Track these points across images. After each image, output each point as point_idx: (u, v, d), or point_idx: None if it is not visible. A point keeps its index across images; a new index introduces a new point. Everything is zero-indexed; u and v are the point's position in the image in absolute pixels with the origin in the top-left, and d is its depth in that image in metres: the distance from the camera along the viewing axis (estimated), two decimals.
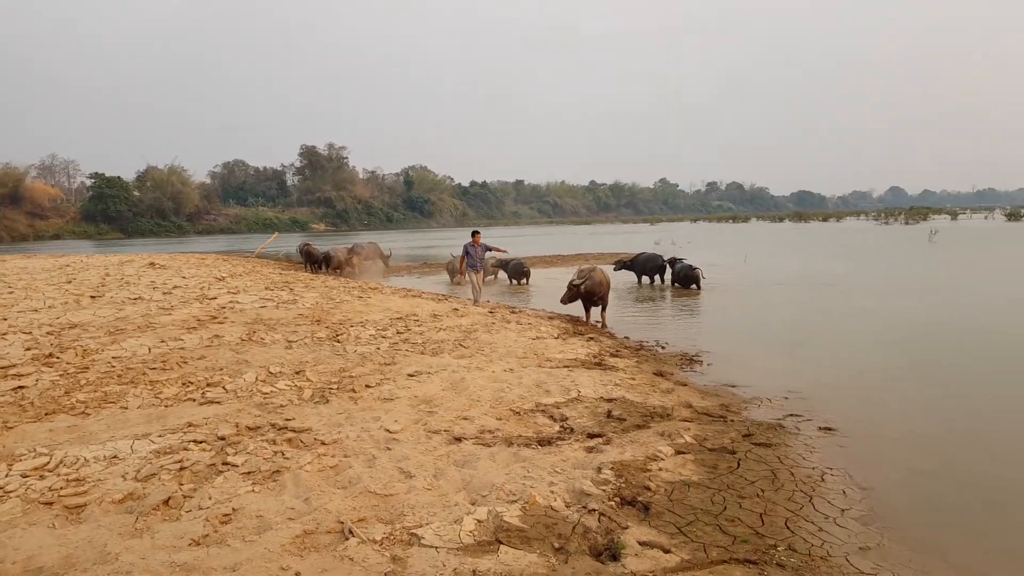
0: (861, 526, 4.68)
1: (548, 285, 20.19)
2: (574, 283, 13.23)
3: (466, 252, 16.10)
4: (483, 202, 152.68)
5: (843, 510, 4.91)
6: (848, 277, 21.28)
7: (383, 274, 27.29)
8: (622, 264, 21.46)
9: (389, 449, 5.66)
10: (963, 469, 5.88)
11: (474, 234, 16.24)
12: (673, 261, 20.22)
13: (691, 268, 19.20)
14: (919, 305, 15.31)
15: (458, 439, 5.96)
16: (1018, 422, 7.11)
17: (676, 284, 19.65)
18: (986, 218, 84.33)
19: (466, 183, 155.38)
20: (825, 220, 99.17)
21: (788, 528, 4.55)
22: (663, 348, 11.16)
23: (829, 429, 6.78)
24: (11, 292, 14.60)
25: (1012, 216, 75.49)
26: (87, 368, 8.25)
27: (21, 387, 7.39)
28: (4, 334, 9.95)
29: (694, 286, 19.01)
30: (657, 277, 20.75)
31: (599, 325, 13.46)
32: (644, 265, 20.89)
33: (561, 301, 13.61)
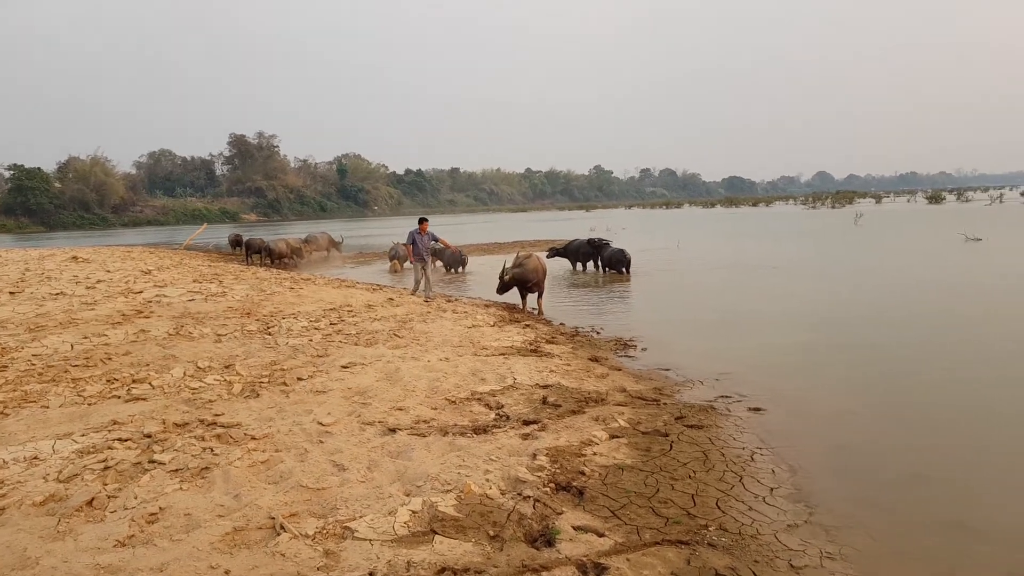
0: (789, 504, 4.81)
1: (485, 273, 20.16)
2: (503, 275, 13.26)
3: (412, 240, 15.11)
4: (419, 190, 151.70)
5: (772, 489, 5.05)
6: (777, 261, 21.87)
7: (340, 261, 26.87)
8: (555, 251, 21.63)
9: (322, 442, 5.59)
10: (885, 443, 6.11)
11: (421, 221, 15.29)
12: (602, 246, 20.45)
13: (621, 252, 19.49)
14: (845, 287, 15.82)
15: (392, 430, 5.92)
16: (935, 397, 7.41)
17: (608, 269, 19.92)
18: (908, 201, 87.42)
19: (401, 171, 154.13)
20: (755, 205, 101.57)
21: (719, 508, 4.66)
22: (598, 334, 11.27)
23: (758, 409, 6.97)
24: None
25: (933, 199, 78.47)
26: (6, 367, 7.91)
27: None
28: None
29: (624, 270, 19.30)
30: (590, 264, 20.99)
31: (536, 312, 13.51)
32: (576, 252, 21.11)
33: (497, 292, 13.63)
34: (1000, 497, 5.04)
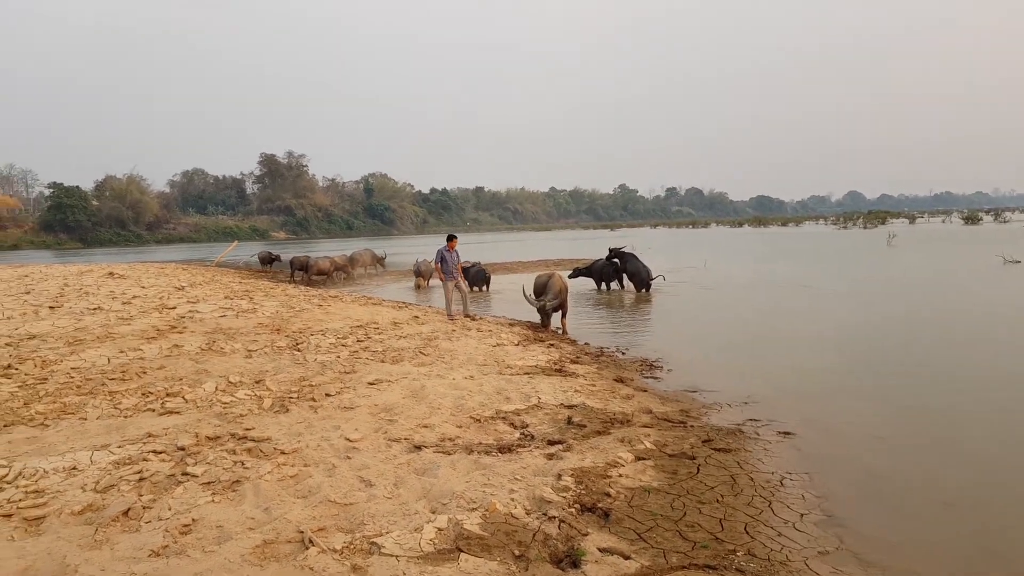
0: (820, 530, 4.76)
1: (509, 291, 20.22)
2: (544, 306, 13.33)
3: (441, 258, 14.61)
4: (444, 209, 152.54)
5: (802, 514, 4.99)
6: (807, 281, 21.61)
7: (383, 277, 27.17)
8: (578, 271, 21.63)
9: (349, 458, 5.66)
10: (918, 471, 5.99)
11: (450, 239, 14.77)
12: (623, 254, 20.45)
13: (645, 270, 19.53)
14: (877, 308, 15.60)
15: (418, 447, 5.98)
16: (973, 423, 7.29)
17: (632, 284, 19.96)
18: (944, 221, 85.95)
19: (426, 190, 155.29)
20: (784, 225, 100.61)
21: (747, 533, 4.63)
22: (623, 354, 11.26)
23: (788, 433, 6.90)
24: None
25: (969, 220, 77.13)
26: (46, 379, 8.11)
27: None
28: None
29: (644, 289, 19.31)
30: (616, 283, 21.00)
31: (560, 332, 13.55)
32: (600, 271, 21.11)
33: (543, 325, 13.60)
34: None
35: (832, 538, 4.65)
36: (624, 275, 20.45)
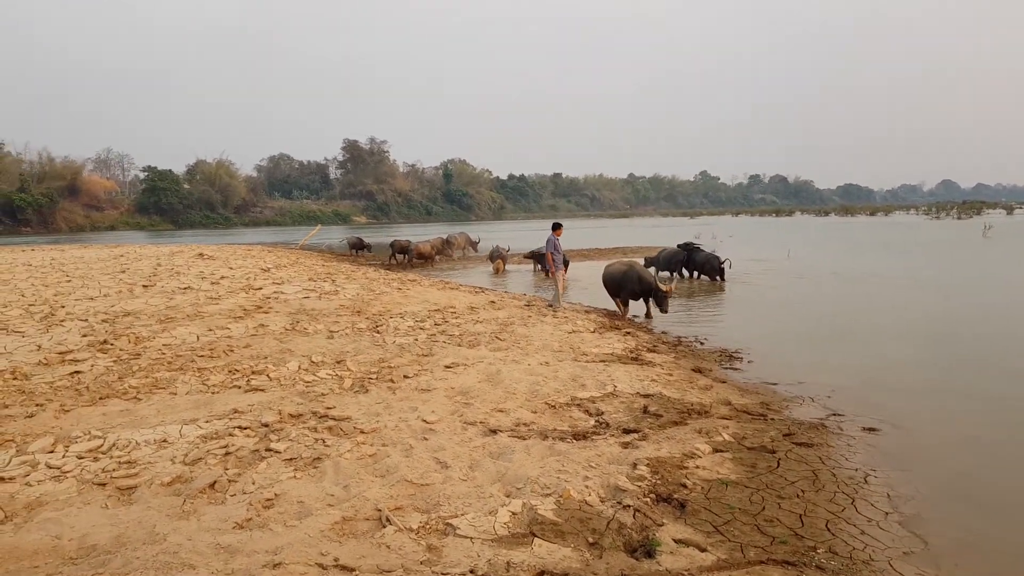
0: (904, 530, 4.59)
1: (586, 278, 20.09)
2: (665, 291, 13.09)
3: (554, 247, 13.89)
4: (521, 195, 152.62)
5: (887, 513, 4.82)
6: (896, 273, 20.75)
7: (466, 260, 27.48)
8: (647, 260, 21.34)
9: (426, 439, 5.74)
10: (1012, 474, 5.72)
11: (556, 227, 14.02)
12: (693, 250, 20.07)
13: (715, 258, 19.08)
14: (970, 302, 14.91)
15: (494, 431, 6.01)
16: None
17: (700, 275, 19.56)
18: None
19: (504, 176, 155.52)
20: (872, 214, 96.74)
21: (829, 530, 4.50)
22: (702, 344, 11.06)
23: (873, 429, 6.66)
24: (68, 281, 15.12)
25: None
26: (139, 355, 8.51)
27: (77, 372, 7.68)
28: (62, 321, 10.31)
29: (719, 278, 18.89)
30: (684, 270, 20.61)
31: (648, 318, 13.49)
32: (667, 261, 20.76)
33: (664, 312, 13.37)
34: None
35: (917, 539, 4.49)
36: (694, 267, 20.03)
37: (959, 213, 79.02)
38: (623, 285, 13.43)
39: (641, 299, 13.60)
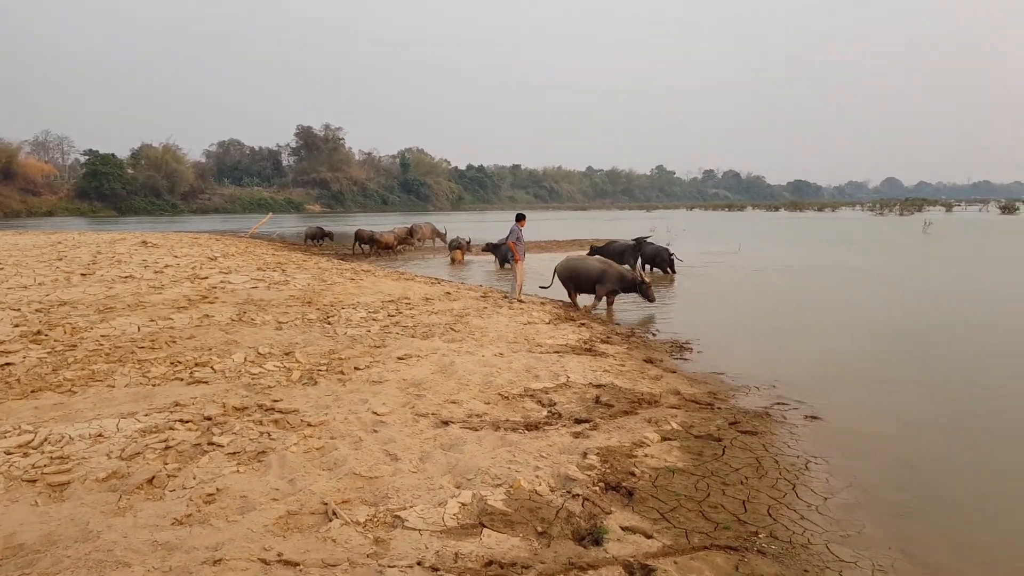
0: (843, 514, 4.70)
1: (541, 270, 20.11)
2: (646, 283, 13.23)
3: (516, 238, 13.81)
4: (479, 186, 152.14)
5: (826, 498, 4.93)
6: (841, 267, 21.32)
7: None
8: (595, 251, 21.44)
9: (376, 432, 5.67)
10: (948, 461, 5.88)
11: (520, 218, 14.04)
12: (644, 244, 20.25)
13: (665, 250, 19.28)
14: (910, 296, 15.34)
15: (445, 423, 5.97)
16: (1005, 415, 7.12)
17: (652, 268, 19.75)
18: (981, 210, 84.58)
19: (463, 167, 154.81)
20: (820, 210, 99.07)
21: (770, 515, 4.58)
22: (654, 335, 11.16)
23: (815, 418, 6.80)
24: (1, 269, 14.55)
25: (1006, 209, 75.77)
26: (75, 346, 8.24)
27: (8, 364, 7.39)
28: None
29: (668, 269, 19.08)
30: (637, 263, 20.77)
31: (609, 310, 13.58)
32: (617, 254, 20.85)
33: (652, 301, 13.53)
34: None
35: (855, 523, 4.59)
36: (645, 259, 20.11)
37: (901, 210, 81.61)
38: (602, 281, 13.41)
39: (591, 292, 13.64)
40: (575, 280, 13.70)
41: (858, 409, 7.22)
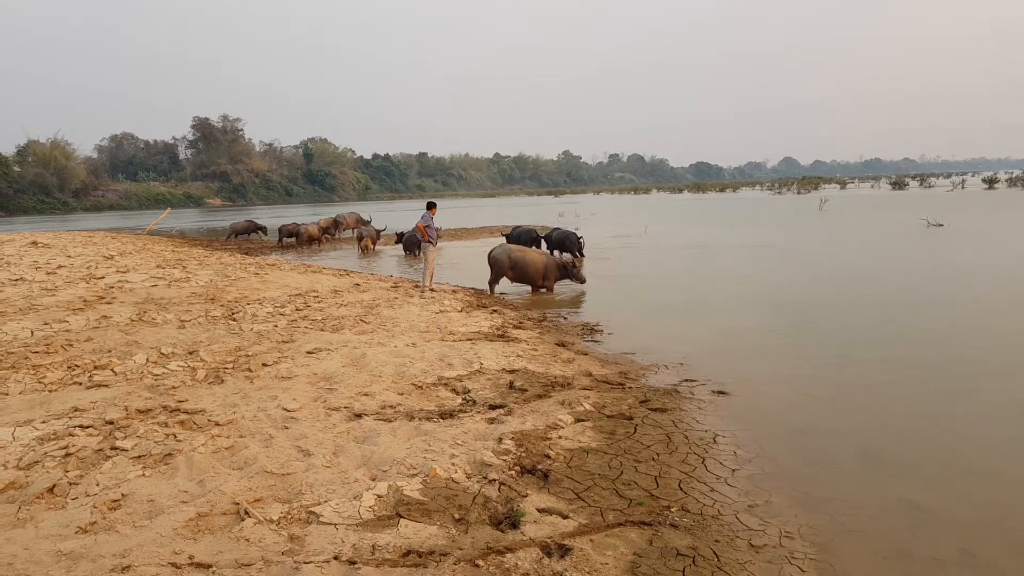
0: (751, 484, 4.91)
1: (452, 258, 20.12)
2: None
3: (427, 224, 13.74)
4: (386, 175, 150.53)
5: (733, 470, 5.14)
6: (742, 245, 22.09)
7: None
8: (504, 238, 21.62)
9: (287, 428, 5.58)
10: (843, 426, 6.20)
11: (431, 206, 14.01)
12: (551, 230, 20.55)
13: (572, 235, 19.42)
14: (808, 271, 16.01)
15: (358, 415, 5.92)
16: (893, 380, 7.54)
17: (561, 253, 19.97)
18: (873, 187, 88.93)
19: (368, 156, 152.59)
20: (722, 191, 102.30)
21: (681, 489, 4.74)
22: (565, 319, 11.33)
23: (722, 392, 7.07)
24: None
25: (897, 185, 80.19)
26: None
27: None
28: None
29: (578, 253, 19.30)
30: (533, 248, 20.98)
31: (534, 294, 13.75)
32: (519, 239, 21.00)
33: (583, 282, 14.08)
34: (949, 476, 5.16)
35: (762, 492, 4.80)
36: (550, 245, 20.21)
37: (799, 188, 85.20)
38: (546, 273, 13.66)
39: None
40: (517, 271, 13.73)
41: (760, 382, 7.52)
